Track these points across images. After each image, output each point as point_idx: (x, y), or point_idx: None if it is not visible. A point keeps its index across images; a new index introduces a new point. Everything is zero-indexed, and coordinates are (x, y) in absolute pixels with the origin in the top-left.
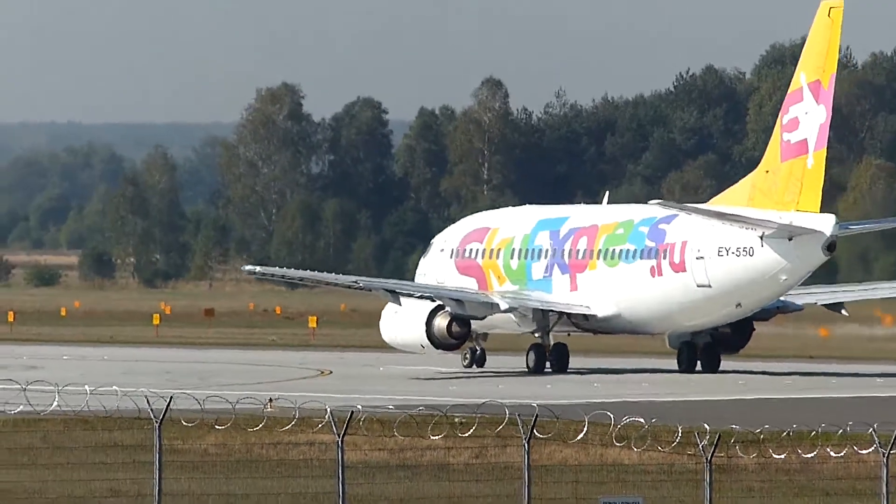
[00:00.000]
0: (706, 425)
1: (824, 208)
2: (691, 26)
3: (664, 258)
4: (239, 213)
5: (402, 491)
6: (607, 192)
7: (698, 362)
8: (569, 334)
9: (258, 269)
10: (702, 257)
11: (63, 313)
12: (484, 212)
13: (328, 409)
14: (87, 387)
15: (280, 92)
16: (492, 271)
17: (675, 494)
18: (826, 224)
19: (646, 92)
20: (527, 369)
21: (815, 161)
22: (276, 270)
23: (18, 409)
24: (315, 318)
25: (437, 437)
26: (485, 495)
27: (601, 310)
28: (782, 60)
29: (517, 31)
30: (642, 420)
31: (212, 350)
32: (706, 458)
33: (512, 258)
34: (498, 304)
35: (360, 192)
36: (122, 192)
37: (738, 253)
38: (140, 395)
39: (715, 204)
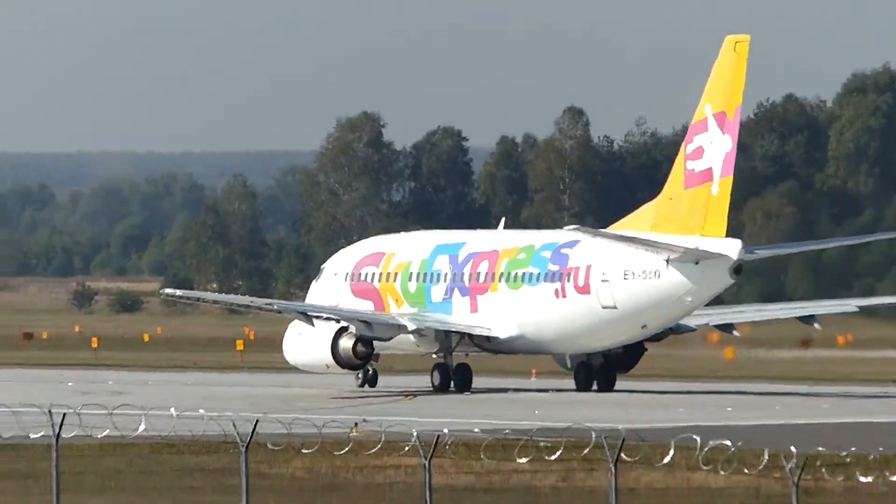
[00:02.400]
0: (793, 448)
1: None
2: (772, 55)
3: (568, 281)
4: (320, 241)
5: None
6: (503, 219)
7: (594, 382)
8: (466, 354)
9: (178, 292)
10: (607, 280)
11: (146, 339)
12: (378, 236)
13: (415, 433)
14: (173, 411)
15: (360, 121)
16: (389, 294)
17: None
18: (732, 248)
19: None
20: (432, 388)
21: (721, 188)
22: (193, 294)
23: (105, 434)
24: None
25: (523, 461)
26: None
27: (503, 331)
28: (863, 89)
29: (599, 59)
30: (728, 443)
31: (296, 375)
32: (793, 482)
33: (410, 281)
34: (405, 326)
35: (440, 220)
36: (203, 220)
37: (643, 276)
38: (226, 420)
39: (618, 229)
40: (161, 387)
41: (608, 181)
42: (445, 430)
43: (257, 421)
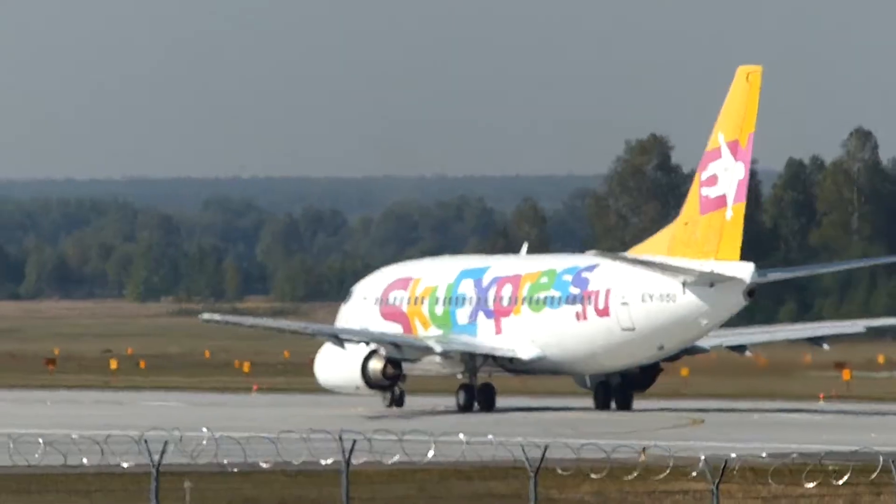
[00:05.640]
0: None
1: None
2: None
3: (589, 304)
4: None
5: None
6: (525, 244)
7: (613, 401)
8: (489, 375)
9: (216, 317)
10: (626, 303)
11: None
12: (404, 262)
13: (702, 458)
14: (461, 436)
15: (649, 143)
16: (417, 318)
17: None
18: (746, 271)
19: None
20: (456, 408)
21: (735, 213)
22: (230, 318)
23: (395, 460)
24: (687, 369)
25: (811, 486)
26: None
27: (526, 353)
28: None
29: (888, 81)
30: None
31: (585, 399)
32: None
33: (436, 305)
34: (433, 348)
35: None
36: (493, 245)
37: (661, 298)
38: (515, 445)
39: (636, 253)
40: (451, 413)
41: None
42: (733, 455)
43: (546, 446)
